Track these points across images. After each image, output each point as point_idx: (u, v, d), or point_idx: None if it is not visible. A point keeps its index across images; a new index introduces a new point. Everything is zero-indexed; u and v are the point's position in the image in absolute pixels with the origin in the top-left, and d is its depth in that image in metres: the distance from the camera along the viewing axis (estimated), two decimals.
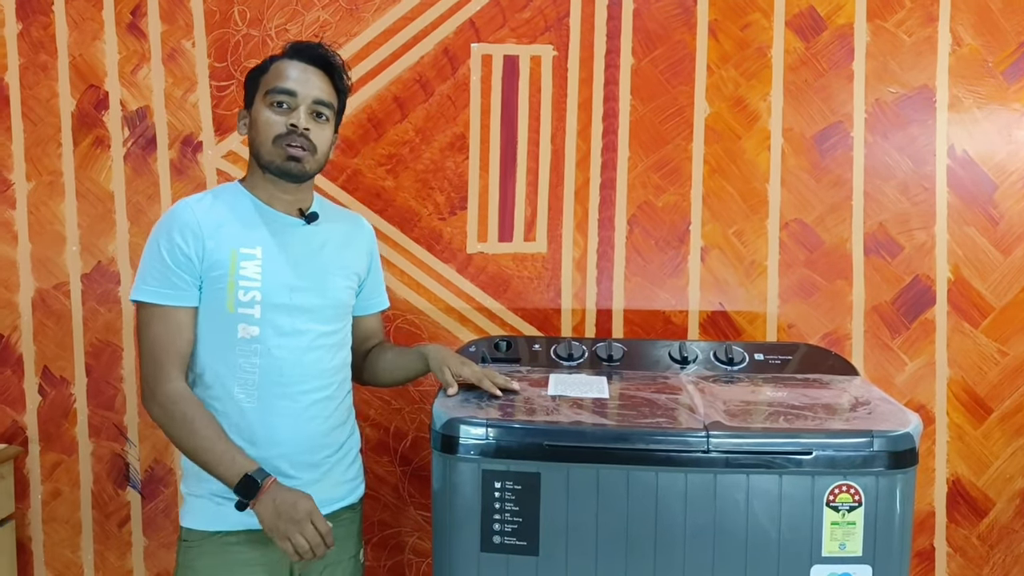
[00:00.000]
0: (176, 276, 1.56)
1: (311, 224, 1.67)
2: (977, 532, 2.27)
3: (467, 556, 1.53)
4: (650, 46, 2.22)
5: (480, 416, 1.54)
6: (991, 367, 2.23)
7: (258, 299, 1.58)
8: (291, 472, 1.61)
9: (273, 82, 1.61)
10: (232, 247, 1.58)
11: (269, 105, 1.60)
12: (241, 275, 1.58)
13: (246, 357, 1.58)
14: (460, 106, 2.23)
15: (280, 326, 1.60)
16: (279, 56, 1.65)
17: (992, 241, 2.22)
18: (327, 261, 1.68)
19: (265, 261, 1.60)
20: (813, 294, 2.24)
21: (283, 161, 1.60)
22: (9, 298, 2.28)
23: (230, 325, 1.58)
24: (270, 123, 1.60)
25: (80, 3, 2.22)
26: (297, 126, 1.59)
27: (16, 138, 2.25)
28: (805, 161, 2.22)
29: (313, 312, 1.64)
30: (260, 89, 1.63)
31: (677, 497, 1.50)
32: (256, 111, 1.62)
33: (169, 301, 1.56)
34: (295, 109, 1.60)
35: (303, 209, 1.68)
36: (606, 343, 2.03)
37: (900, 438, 1.49)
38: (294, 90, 1.60)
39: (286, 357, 1.60)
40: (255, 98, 1.64)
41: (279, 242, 1.63)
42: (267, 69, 1.64)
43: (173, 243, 1.56)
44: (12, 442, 2.29)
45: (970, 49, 2.20)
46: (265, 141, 1.60)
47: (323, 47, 1.66)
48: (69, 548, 2.33)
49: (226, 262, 1.57)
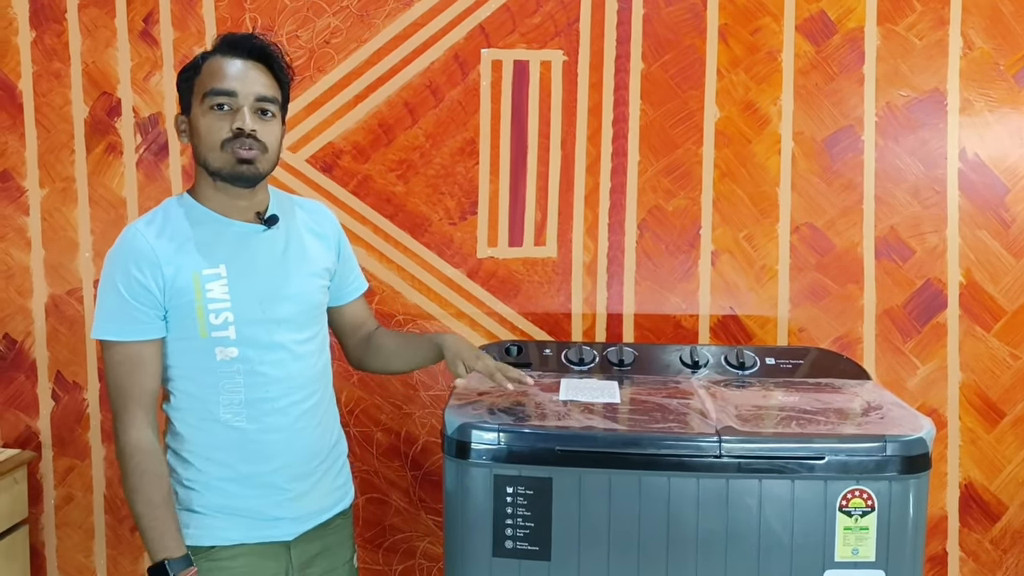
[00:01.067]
0: (135, 310, 1.47)
1: (271, 227, 1.57)
2: (990, 536, 2.26)
3: (479, 561, 1.53)
4: (660, 51, 2.22)
5: (492, 421, 1.55)
6: (1003, 371, 2.23)
7: (231, 320, 1.50)
8: (286, 485, 1.57)
9: (210, 83, 1.49)
10: (193, 270, 1.49)
11: (208, 109, 1.49)
12: (209, 298, 1.49)
13: (229, 378, 1.52)
14: (470, 111, 2.24)
15: (259, 342, 1.52)
16: (210, 52, 1.52)
17: (1004, 244, 2.21)
18: (293, 263, 1.59)
19: (231, 278, 1.51)
20: (824, 298, 2.24)
21: (234, 166, 1.49)
22: (23, 304, 2.29)
23: (206, 350, 1.51)
24: (212, 128, 1.48)
25: (93, 11, 2.24)
26: (244, 129, 1.47)
27: (30, 145, 2.27)
28: (816, 165, 2.22)
29: (289, 321, 1.56)
30: (196, 91, 1.51)
31: (689, 502, 1.50)
32: (195, 116, 1.51)
33: (130, 336, 1.48)
34: (238, 110, 1.48)
35: (260, 213, 1.57)
36: (617, 347, 2.03)
37: (913, 443, 1.49)
38: (234, 90, 1.48)
39: (270, 372, 1.53)
40: (191, 102, 1.52)
41: (242, 254, 1.54)
42: (199, 69, 1.51)
43: (130, 276, 1.47)
44: (26, 447, 2.30)
45: (981, 52, 2.19)
46: (212, 148, 1.49)
47: (257, 37, 1.54)
48: (82, 553, 2.34)
49: (190, 288, 1.49)
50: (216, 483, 1.55)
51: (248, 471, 1.54)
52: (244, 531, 1.56)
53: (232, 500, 1.55)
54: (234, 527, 1.55)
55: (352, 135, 2.24)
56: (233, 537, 1.55)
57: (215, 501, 1.55)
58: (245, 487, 1.55)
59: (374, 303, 2.25)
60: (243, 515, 1.56)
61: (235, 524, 1.55)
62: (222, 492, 1.55)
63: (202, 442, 1.54)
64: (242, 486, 1.55)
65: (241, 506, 1.55)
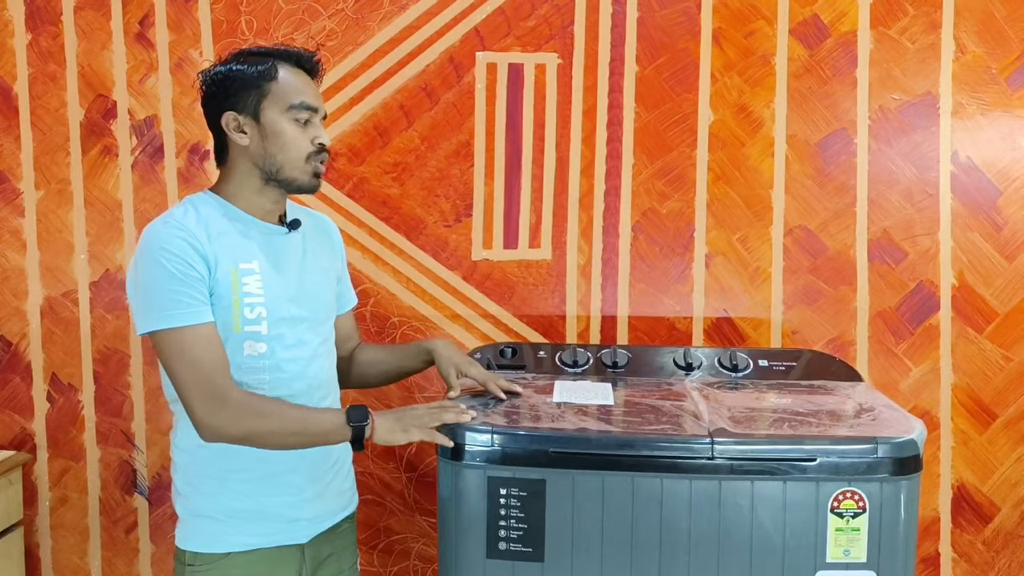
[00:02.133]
0: (195, 291, 1.46)
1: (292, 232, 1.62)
2: (982, 538, 2.27)
3: (473, 563, 1.54)
4: (654, 54, 2.23)
5: (486, 423, 1.55)
6: (996, 373, 2.24)
7: (264, 315, 1.52)
8: (303, 485, 1.58)
9: (296, 95, 1.53)
10: (232, 263, 1.51)
11: (293, 120, 1.53)
12: (245, 291, 1.50)
13: (253, 374, 1.52)
14: (465, 114, 2.25)
15: (285, 339, 1.55)
16: (280, 60, 1.56)
17: (996, 247, 2.22)
18: (311, 267, 1.64)
19: (263, 274, 1.53)
20: (817, 300, 2.25)
21: (311, 178, 1.55)
22: (18, 306, 2.29)
23: (236, 344, 1.51)
24: (299, 140, 1.53)
25: (88, 13, 2.24)
26: (325, 145, 1.56)
27: (25, 147, 2.27)
28: (809, 168, 2.23)
29: (310, 321, 1.60)
30: (272, 97, 1.52)
31: (682, 504, 1.50)
32: (275, 123, 1.52)
33: (196, 320, 1.45)
34: (312, 124, 1.55)
35: (282, 217, 1.62)
36: (611, 350, 2.03)
37: (904, 444, 1.50)
38: (316, 106, 1.55)
39: (293, 370, 1.56)
40: (259, 104, 1.53)
41: (270, 253, 1.57)
42: (274, 75, 1.53)
43: (180, 259, 1.46)
44: (21, 449, 2.30)
45: (973, 56, 2.20)
46: (295, 159, 1.53)
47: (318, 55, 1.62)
48: (77, 554, 2.34)
49: (228, 280, 1.49)
50: (235, 484, 1.55)
51: (267, 471, 1.55)
52: (261, 535, 1.56)
53: (250, 502, 1.55)
54: (251, 532, 1.56)
55: (347, 138, 2.25)
56: (250, 542, 1.55)
57: (232, 505, 1.55)
58: (263, 487, 1.56)
59: (369, 305, 2.25)
60: (260, 518, 1.56)
61: (252, 528, 1.56)
62: (240, 494, 1.55)
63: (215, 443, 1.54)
64: (260, 486, 1.56)
65: (258, 508, 1.56)
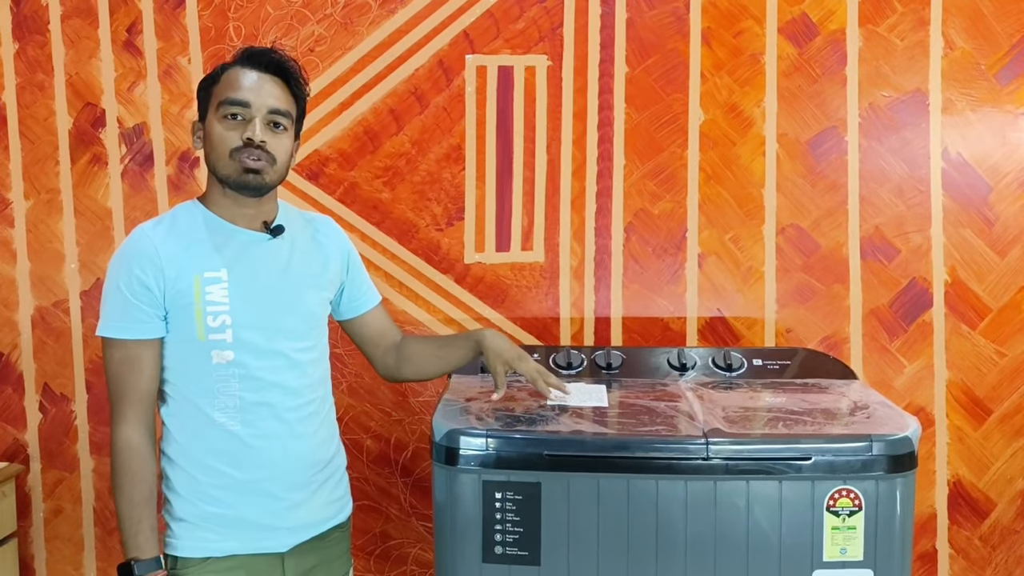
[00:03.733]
0: (136, 309, 1.50)
1: (277, 237, 1.60)
2: (979, 533, 2.27)
3: (469, 567, 1.53)
4: (644, 54, 2.23)
5: (480, 427, 1.55)
6: (990, 368, 2.24)
7: (228, 323, 1.52)
8: (281, 494, 1.57)
9: (225, 92, 1.52)
10: (195, 273, 1.52)
11: (222, 118, 1.52)
12: (208, 300, 1.52)
13: (224, 382, 1.53)
14: (456, 117, 2.24)
15: (256, 347, 1.54)
16: (230, 64, 1.56)
17: (988, 243, 2.23)
18: (296, 275, 1.61)
19: (232, 282, 1.53)
20: (811, 298, 2.25)
21: (240, 175, 1.52)
22: (9, 316, 2.28)
23: (202, 352, 1.52)
24: (224, 137, 1.52)
25: (76, 22, 2.24)
26: (253, 139, 1.50)
27: (14, 157, 2.26)
28: (800, 166, 2.23)
29: (287, 330, 1.58)
30: (212, 100, 1.54)
31: (677, 505, 1.50)
32: (209, 124, 1.54)
33: (129, 335, 1.50)
34: (250, 121, 1.52)
35: (267, 222, 1.60)
36: (605, 351, 2.03)
37: (899, 442, 1.50)
38: (247, 100, 1.51)
39: (266, 377, 1.55)
40: (208, 110, 1.55)
41: (245, 261, 1.56)
42: (218, 79, 1.55)
43: (132, 275, 1.50)
44: (13, 460, 2.29)
45: (962, 52, 2.21)
46: (221, 156, 1.52)
47: (276, 52, 1.57)
48: (72, 565, 2.33)
49: (190, 290, 1.51)
50: (211, 491, 1.55)
51: (243, 478, 1.54)
52: (237, 542, 1.55)
53: (226, 509, 1.55)
54: (227, 538, 1.55)
55: (338, 142, 2.24)
56: (226, 548, 1.55)
57: (209, 511, 1.54)
58: (239, 495, 1.55)
59: None
60: (237, 525, 1.55)
61: (228, 535, 1.55)
62: (216, 501, 1.55)
63: (197, 447, 1.55)
64: (236, 494, 1.55)
65: (235, 515, 1.55)
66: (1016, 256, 2.22)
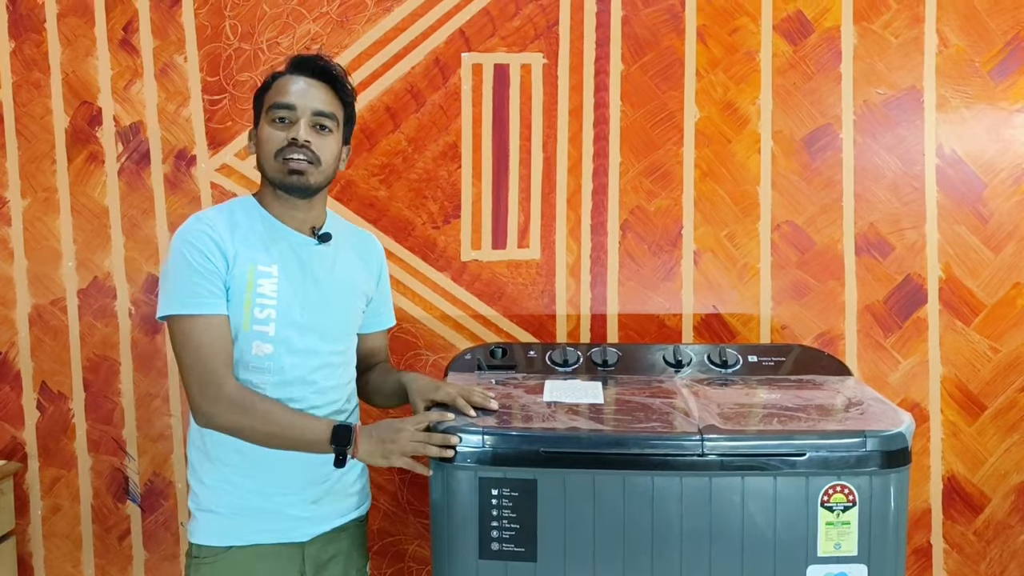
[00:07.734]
0: (210, 284, 1.56)
1: (323, 244, 1.68)
2: (973, 528, 2.28)
3: (466, 563, 1.54)
4: (639, 52, 2.24)
5: (476, 424, 1.55)
6: (984, 364, 2.25)
7: (273, 317, 1.59)
8: (305, 486, 1.63)
9: (274, 98, 1.63)
10: (251, 263, 1.59)
11: (271, 121, 1.62)
12: (258, 292, 1.59)
13: (258, 374, 1.60)
14: (452, 115, 2.25)
15: (292, 344, 1.61)
16: (281, 72, 1.67)
17: (982, 239, 2.23)
18: (339, 281, 1.69)
19: (281, 279, 1.61)
20: (806, 295, 2.25)
21: (285, 175, 1.61)
22: (6, 314, 2.28)
23: (244, 342, 1.59)
24: (271, 138, 1.61)
25: (72, 20, 2.23)
26: (297, 139, 1.60)
27: (11, 155, 2.26)
28: (795, 163, 2.24)
29: (323, 331, 1.66)
30: (263, 107, 1.65)
31: (673, 501, 1.51)
32: (260, 128, 1.64)
33: (207, 310, 1.55)
34: (295, 123, 1.61)
35: (316, 228, 1.69)
36: (601, 348, 2.04)
37: (893, 437, 1.50)
38: (292, 103, 1.61)
39: (296, 375, 1.62)
40: (260, 116, 1.66)
41: (294, 261, 1.64)
42: (269, 87, 1.66)
43: (201, 253, 1.56)
44: (11, 458, 2.29)
45: (957, 49, 2.21)
46: (268, 156, 1.62)
47: (322, 58, 1.67)
48: (70, 563, 2.34)
49: (244, 279, 1.58)
50: (237, 480, 1.61)
51: (268, 469, 1.60)
52: (261, 532, 1.61)
53: (251, 499, 1.61)
54: (251, 528, 1.61)
55: None
56: (249, 538, 1.61)
57: (234, 501, 1.61)
58: (264, 485, 1.61)
59: None
60: (261, 515, 1.62)
61: (252, 524, 1.61)
62: (242, 490, 1.61)
63: (227, 438, 1.58)
64: (261, 484, 1.61)
65: (259, 506, 1.61)
66: (1010, 252, 2.23)
